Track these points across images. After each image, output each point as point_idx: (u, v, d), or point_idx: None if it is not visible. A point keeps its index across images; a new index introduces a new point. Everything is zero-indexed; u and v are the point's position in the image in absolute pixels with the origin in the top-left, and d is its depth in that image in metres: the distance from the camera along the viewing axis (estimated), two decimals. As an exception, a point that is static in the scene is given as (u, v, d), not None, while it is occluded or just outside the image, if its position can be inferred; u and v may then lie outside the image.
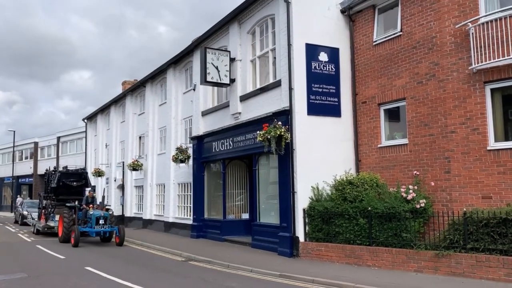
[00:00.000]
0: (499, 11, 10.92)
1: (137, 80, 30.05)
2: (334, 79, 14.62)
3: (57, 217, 21.25)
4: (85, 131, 39.24)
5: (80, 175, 23.76)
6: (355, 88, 14.86)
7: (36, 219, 25.01)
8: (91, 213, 18.18)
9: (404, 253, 11.04)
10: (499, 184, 10.77)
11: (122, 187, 29.73)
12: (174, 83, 23.59)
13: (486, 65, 11.02)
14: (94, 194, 20.30)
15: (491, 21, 10.95)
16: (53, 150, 48.61)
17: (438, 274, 10.27)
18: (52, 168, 25.28)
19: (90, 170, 31.74)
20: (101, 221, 17.92)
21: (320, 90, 14.28)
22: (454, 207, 11.31)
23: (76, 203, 20.01)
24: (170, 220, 22.89)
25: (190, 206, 20.89)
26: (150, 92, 26.64)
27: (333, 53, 14.70)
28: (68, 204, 19.95)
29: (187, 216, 21.48)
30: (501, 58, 10.70)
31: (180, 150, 20.85)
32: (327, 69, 14.52)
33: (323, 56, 14.47)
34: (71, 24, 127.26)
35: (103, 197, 29.43)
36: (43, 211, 23.42)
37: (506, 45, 10.64)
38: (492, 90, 11.27)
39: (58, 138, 47.13)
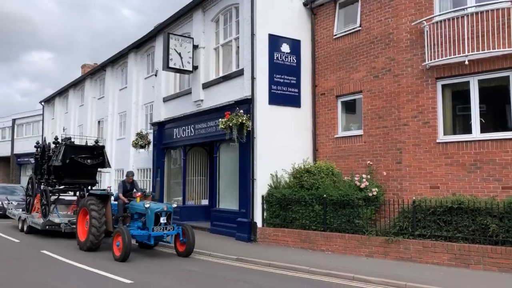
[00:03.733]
0: (452, 11, 11.53)
1: (97, 64, 29.47)
2: (295, 71, 14.98)
3: (62, 210, 16.09)
4: (42, 114, 38.17)
5: (94, 151, 16.67)
6: (315, 80, 15.28)
7: (23, 212, 18.00)
8: (147, 206, 11.46)
9: (356, 238, 11.59)
10: (446, 175, 11.47)
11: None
12: (136, 68, 23.35)
13: (438, 62, 11.64)
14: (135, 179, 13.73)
15: (445, 20, 11.55)
16: (8, 133, 46.88)
17: (388, 258, 10.87)
18: (49, 139, 19.14)
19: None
20: (163, 220, 11.43)
21: (282, 80, 14.60)
22: (404, 195, 11.94)
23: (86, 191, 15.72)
24: (129, 205, 22.72)
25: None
26: (110, 76, 26.24)
27: (295, 45, 15.04)
28: (94, 191, 13.71)
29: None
30: (452, 56, 11.31)
31: (140, 135, 20.76)
32: (289, 60, 14.85)
33: (285, 48, 14.78)
34: (33, 3, 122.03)
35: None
36: (41, 200, 15.94)
37: (458, 43, 11.25)
38: (443, 86, 11.92)
39: (14, 120, 45.49)
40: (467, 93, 11.42)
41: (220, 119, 14.21)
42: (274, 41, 14.56)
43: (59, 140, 16.74)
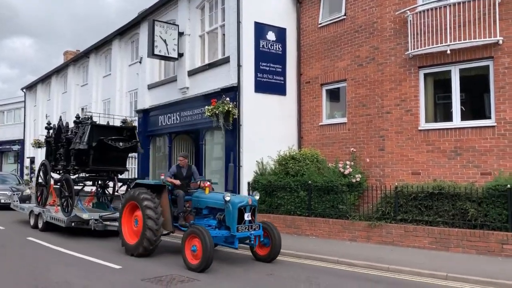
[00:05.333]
0: (435, 1, 11.76)
1: (80, 50, 29.13)
2: (281, 59, 15.11)
3: (84, 203, 14.38)
4: (24, 101, 37.57)
5: (124, 132, 14.36)
6: (300, 68, 15.43)
7: (33, 204, 15.72)
8: (228, 198, 8.98)
9: (340, 223, 11.88)
10: (427, 161, 11.79)
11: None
12: (120, 55, 23.16)
13: (421, 51, 11.89)
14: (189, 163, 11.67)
15: (428, 10, 11.78)
16: (-12, 120, 46.13)
17: (371, 242, 11.19)
18: (70, 118, 16.32)
19: (28, 141, 30.59)
20: (247, 216, 9.03)
21: (267, 68, 14.73)
22: (386, 182, 12.25)
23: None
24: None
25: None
26: (94, 63, 25.98)
27: (281, 33, 15.15)
28: (145, 181, 11.16)
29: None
30: (434, 45, 11.57)
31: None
32: (275, 49, 14.97)
33: (271, 36, 14.89)
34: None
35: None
36: (60, 192, 13.44)
37: (440, 33, 11.50)
38: (425, 75, 12.19)
39: (-6, 107, 44.76)
40: (449, 82, 11.71)
41: (206, 107, 14.28)
42: (260, 29, 14.65)
43: (80, 119, 14.32)
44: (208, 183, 10.04)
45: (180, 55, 17.18)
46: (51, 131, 15.88)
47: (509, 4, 10.66)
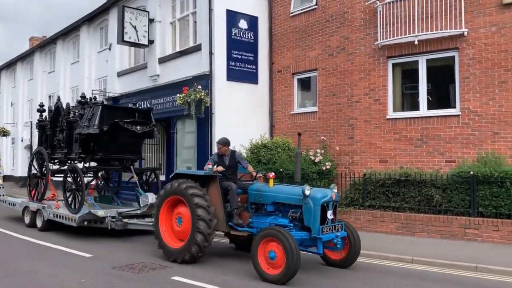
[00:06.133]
0: (403, -7, 11.99)
1: (46, 36, 28.36)
2: (253, 47, 15.13)
3: (91, 196, 12.66)
4: (-14, 88, 36.40)
5: (138, 114, 12.50)
6: (272, 57, 15.50)
7: (32, 201, 13.01)
8: (308, 192, 7.34)
9: (311, 210, 12.08)
10: (394, 149, 12.11)
11: (30, 148, 28.36)
12: (88, 41, 22.67)
13: (389, 42, 12.13)
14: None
15: (397, 0, 12.00)
16: None
17: (339, 228, 11.45)
18: (71, 98, 14.09)
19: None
20: (330, 215, 7.39)
21: (240, 57, 14.74)
22: (355, 169, 12.52)
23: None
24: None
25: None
26: (61, 50, 25.36)
27: (253, 22, 15.15)
28: (192, 171, 8.86)
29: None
30: (403, 36, 11.82)
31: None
32: (247, 37, 14.97)
33: (243, 24, 14.88)
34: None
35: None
36: (64, 184, 11.84)
37: (408, 24, 11.76)
38: (394, 65, 12.46)
39: (-47, 94, 43.11)
40: (416, 72, 12.01)
41: (177, 95, 14.19)
42: (232, 17, 14.62)
43: (85, 99, 12.32)
44: (273, 173, 8.33)
45: (151, 42, 16.97)
46: (45, 114, 13.81)
47: (474, -4, 10.99)
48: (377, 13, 12.39)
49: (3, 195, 15.16)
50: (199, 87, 13.70)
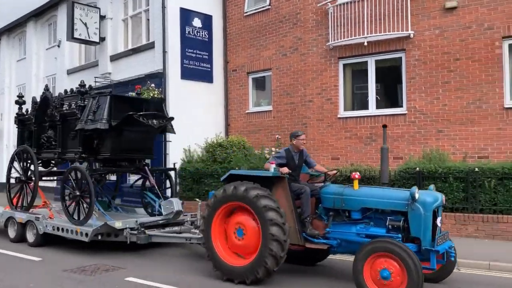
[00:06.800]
0: (353, -5, 12.36)
1: (-11, 31, 27.02)
2: (207, 46, 15.13)
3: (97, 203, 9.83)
4: None
5: (148, 106, 10.12)
6: (227, 56, 15.56)
7: (20, 210, 10.53)
8: (417, 196, 6.00)
9: (266, 208, 12.23)
10: (345, 147, 12.48)
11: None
12: (36, 38, 21.86)
13: (340, 43, 12.47)
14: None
15: (347, 3, 12.36)
16: None
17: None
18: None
19: None
20: (439, 221, 6.11)
21: (194, 55, 14.69)
22: (309, 167, 12.77)
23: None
24: (31, 183, 21.55)
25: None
26: (6, 46, 24.30)
27: (207, 20, 15.14)
28: (253, 172, 7.37)
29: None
30: (353, 37, 12.19)
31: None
32: (201, 35, 14.95)
33: (197, 22, 14.85)
34: None
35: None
36: (63, 189, 9.75)
37: (358, 25, 12.13)
38: (344, 65, 12.83)
39: None
40: (366, 72, 12.42)
41: (130, 93, 13.97)
42: (186, 15, 14.55)
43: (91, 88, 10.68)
44: (358, 173, 6.80)
45: (102, 39, 16.60)
46: (23, 107, 11.64)
47: (419, 0, 11.47)
48: (329, 14, 12.70)
49: None
50: (152, 85, 13.56)
